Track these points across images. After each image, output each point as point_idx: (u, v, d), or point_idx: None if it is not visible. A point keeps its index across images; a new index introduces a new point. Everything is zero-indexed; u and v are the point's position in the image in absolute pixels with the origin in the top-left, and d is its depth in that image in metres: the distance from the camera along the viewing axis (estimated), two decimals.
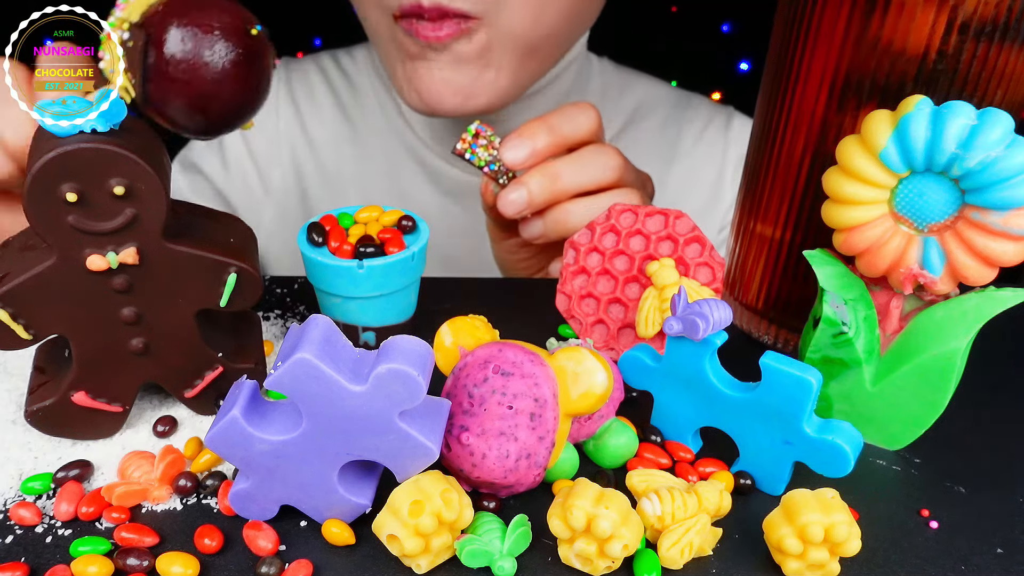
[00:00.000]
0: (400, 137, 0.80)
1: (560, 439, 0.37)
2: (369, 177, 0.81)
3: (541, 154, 0.55)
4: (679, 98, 0.85)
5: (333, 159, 0.82)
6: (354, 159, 0.82)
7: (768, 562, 0.35)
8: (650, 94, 0.84)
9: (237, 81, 0.40)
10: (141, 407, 0.43)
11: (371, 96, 0.82)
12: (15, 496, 0.38)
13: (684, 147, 0.82)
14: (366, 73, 0.83)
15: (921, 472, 0.41)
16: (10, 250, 0.38)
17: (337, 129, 0.82)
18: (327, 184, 0.82)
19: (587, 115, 0.57)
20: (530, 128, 0.55)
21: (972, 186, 0.36)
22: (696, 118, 0.83)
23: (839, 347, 0.40)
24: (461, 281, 0.59)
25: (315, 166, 0.82)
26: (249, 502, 0.36)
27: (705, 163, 0.82)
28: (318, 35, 1.00)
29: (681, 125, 0.83)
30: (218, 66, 0.39)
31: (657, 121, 0.83)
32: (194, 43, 0.38)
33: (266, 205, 0.83)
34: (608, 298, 0.48)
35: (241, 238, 0.42)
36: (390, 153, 0.81)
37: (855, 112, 0.42)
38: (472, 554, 0.34)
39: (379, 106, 0.81)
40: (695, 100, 0.85)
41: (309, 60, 0.86)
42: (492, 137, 0.55)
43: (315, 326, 0.33)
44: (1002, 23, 0.38)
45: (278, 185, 0.83)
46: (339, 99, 0.83)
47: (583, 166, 0.56)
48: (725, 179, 0.82)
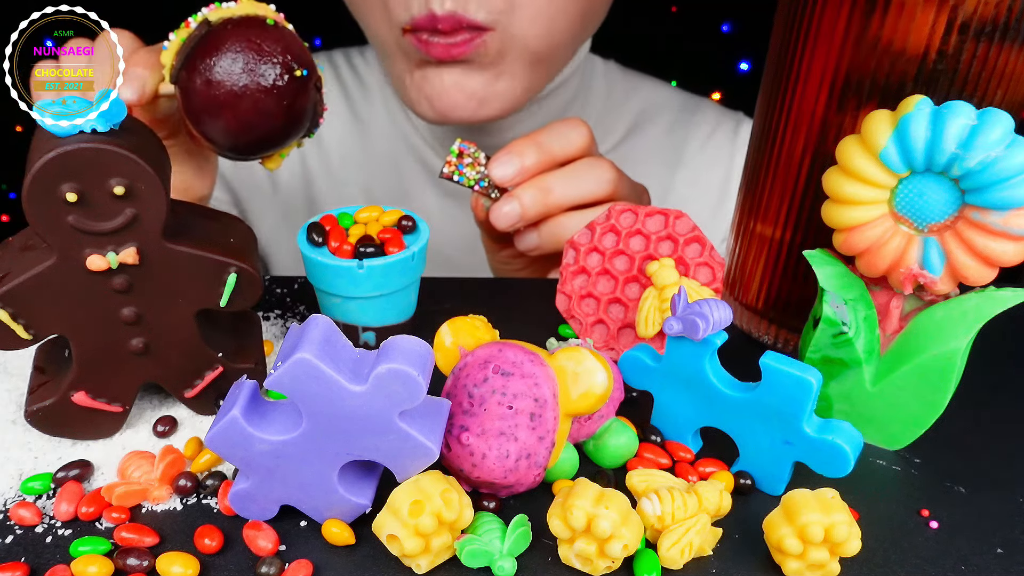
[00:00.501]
0: (404, 138, 0.80)
1: (560, 439, 0.37)
2: (373, 177, 0.81)
3: (529, 171, 0.55)
4: (686, 102, 0.84)
5: (339, 158, 0.82)
6: (360, 158, 0.82)
7: (768, 562, 0.35)
8: (656, 97, 0.83)
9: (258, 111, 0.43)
10: (141, 407, 0.43)
11: (378, 96, 0.82)
12: (15, 496, 0.38)
13: (690, 152, 0.81)
14: (376, 73, 0.82)
15: (921, 472, 0.41)
16: (10, 250, 0.38)
17: (345, 128, 0.82)
18: (332, 183, 0.82)
19: (578, 132, 0.57)
20: (519, 145, 0.55)
21: (972, 186, 0.36)
22: (704, 122, 0.82)
23: (839, 347, 0.40)
24: (461, 281, 0.59)
25: (321, 164, 0.82)
26: (249, 502, 0.36)
27: (711, 168, 0.81)
28: (318, 35, 1.00)
29: (688, 129, 0.82)
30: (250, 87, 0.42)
31: (663, 125, 0.82)
32: (239, 60, 0.42)
33: (273, 202, 0.83)
34: (608, 298, 0.48)
35: (241, 238, 0.42)
36: (394, 153, 0.81)
37: (855, 112, 0.42)
38: (472, 554, 0.34)
39: (387, 109, 0.81)
40: (704, 105, 0.84)
41: (322, 57, 0.85)
42: (476, 153, 0.55)
43: (315, 326, 0.33)
44: (1002, 23, 0.38)
45: (286, 182, 0.83)
46: (349, 98, 0.83)
47: (576, 180, 0.56)
48: (731, 185, 0.80)
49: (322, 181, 0.82)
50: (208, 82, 0.42)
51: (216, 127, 0.44)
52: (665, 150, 0.81)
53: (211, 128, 0.44)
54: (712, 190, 0.81)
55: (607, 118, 0.80)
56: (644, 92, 0.83)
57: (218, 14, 0.44)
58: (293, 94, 0.44)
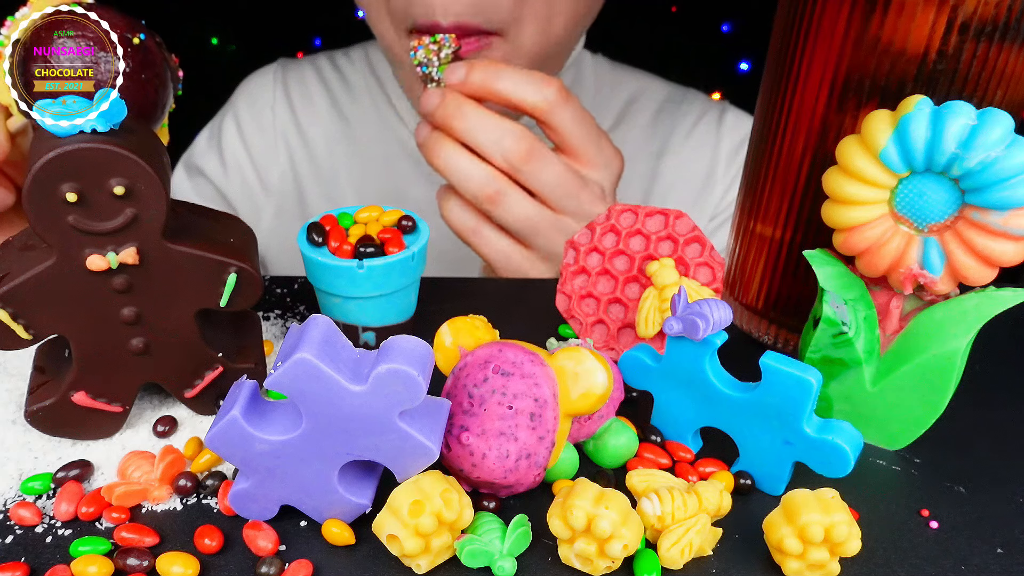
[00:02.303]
0: (397, 137, 0.80)
1: (560, 439, 0.37)
2: (365, 177, 0.82)
3: (469, 89, 0.56)
4: (672, 92, 0.85)
5: (329, 159, 0.82)
6: (350, 159, 0.82)
7: (768, 562, 0.35)
8: (642, 88, 0.85)
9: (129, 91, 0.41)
10: (141, 407, 0.43)
11: (367, 97, 0.82)
12: (15, 496, 0.38)
13: (676, 140, 0.83)
14: (362, 74, 0.83)
15: (921, 472, 0.41)
16: (10, 250, 0.38)
17: (332, 129, 0.82)
18: (323, 184, 0.82)
19: (539, 88, 0.56)
20: (484, 65, 0.55)
21: (972, 186, 0.35)
22: (690, 112, 0.83)
23: (839, 347, 0.40)
24: (461, 281, 0.59)
25: (311, 166, 0.82)
26: (249, 502, 0.36)
27: (697, 155, 0.83)
28: (318, 35, 1.00)
29: (675, 119, 0.83)
30: (107, 79, 0.40)
31: (649, 114, 0.83)
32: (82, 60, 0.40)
33: (266, 205, 0.83)
34: (608, 298, 0.48)
35: (241, 238, 0.42)
36: (386, 153, 0.81)
37: (855, 112, 0.42)
38: (472, 554, 0.34)
39: (375, 107, 0.81)
40: (690, 95, 0.85)
41: (306, 61, 0.86)
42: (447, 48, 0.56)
43: (315, 326, 0.33)
44: (1002, 23, 0.38)
45: (276, 185, 0.83)
46: (335, 99, 0.83)
47: (523, 83, 0.55)
48: (717, 171, 0.82)
49: (311, 183, 0.82)
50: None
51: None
52: (651, 138, 0.82)
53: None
54: (698, 175, 0.82)
55: (595, 111, 0.81)
56: (631, 83, 0.85)
57: (17, 28, 0.40)
58: (144, 62, 0.42)
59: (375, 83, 0.82)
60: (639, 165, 0.80)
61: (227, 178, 0.83)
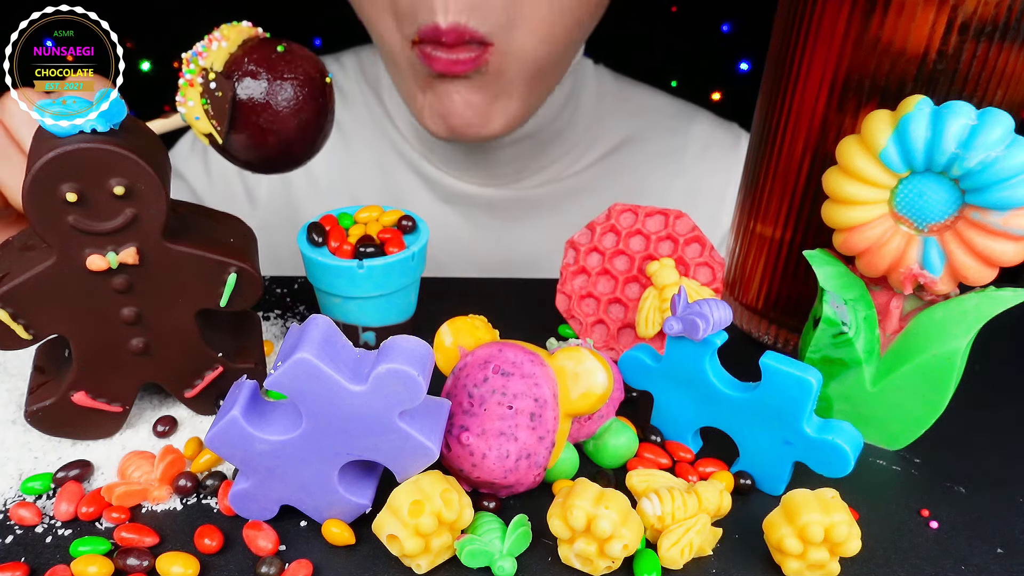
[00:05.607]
0: (391, 144, 0.80)
1: (560, 439, 0.37)
2: (359, 184, 0.81)
3: None
4: (681, 110, 0.83)
5: (322, 166, 0.81)
6: (343, 166, 0.81)
7: (768, 562, 0.35)
8: (650, 106, 0.83)
9: (315, 128, 0.44)
10: (141, 407, 0.43)
11: (360, 104, 0.81)
12: (15, 496, 0.38)
13: (688, 161, 0.81)
14: (355, 80, 0.82)
15: (921, 472, 0.41)
16: (10, 250, 0.38)
17: None
18: (316, 192, 0.82)
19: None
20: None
21: (972, 186, 0.36)
22: (701, 133, 0.81)
23: (839, 347, 0.40)
24: (461, 281, 0.59)
25: (303, 173, 0.81)
26: (249, 502, 0.36)
27: (710, 177, 0.81)
28: (318, 36, 1.00)
29: (686, 139, 0.81)
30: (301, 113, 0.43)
31: (659, 134, 0.82)
32: (281, 93, 0.42)
33: (251, 216, 0.82)
34: (608, 298, 0.48)
35: (241, 238, 0.42)
36: (381, 160, 0.81)
37: (855, 112, 0.42)
38: (472, 554, 0.34)
39: (368, 114, 0.81)
40: (699, 115, 0.83)
41: None
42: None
43: (315, 326, 0.33)
44: (1002, 23, 0.38)
45: (265, 196, 0.82)
46: None
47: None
48: (727, 195, 0.80)
49: (304, 193, 0.81)
50: (268, 130, 0.43)
51: (291, 158, 0.45)
52: (663, 158, 0.81)
53: (284, 163, 0.45)
54: (711, 199, 0.81)
55: (596, 125, 0.80)
56: (637, 100, 0.83)
57: (218, 58, 0.42)
58: (329, 95, 0.45)
59: (369, 91, 0.81)
60: (649, 188, 0.78)
61: (210, 186, 0.82)
